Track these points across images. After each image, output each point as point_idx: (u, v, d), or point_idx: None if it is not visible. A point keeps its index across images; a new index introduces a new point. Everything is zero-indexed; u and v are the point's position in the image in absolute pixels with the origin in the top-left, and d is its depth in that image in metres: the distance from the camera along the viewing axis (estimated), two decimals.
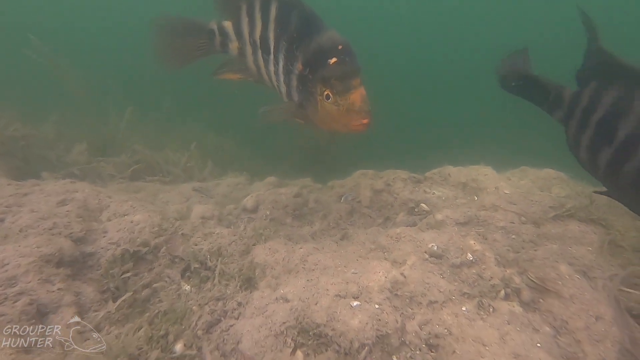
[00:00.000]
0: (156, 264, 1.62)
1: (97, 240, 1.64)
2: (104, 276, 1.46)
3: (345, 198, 2.56)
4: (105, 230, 1.70)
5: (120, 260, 1.55)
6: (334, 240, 2.07)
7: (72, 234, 1.56)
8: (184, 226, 1.93)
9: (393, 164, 3.08)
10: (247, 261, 1.65)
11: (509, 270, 1.21)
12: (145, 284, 1.50)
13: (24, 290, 1.16)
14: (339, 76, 1.39)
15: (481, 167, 2.47)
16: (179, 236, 1.80)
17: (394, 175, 2.58)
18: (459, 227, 1.62)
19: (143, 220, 1.79)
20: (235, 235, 1.86)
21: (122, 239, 1.65)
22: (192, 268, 1.60)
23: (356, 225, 2.28)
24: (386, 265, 1.36)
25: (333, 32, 1.49)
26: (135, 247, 1.60)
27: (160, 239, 1.71)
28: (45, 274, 1.25)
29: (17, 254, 1.25)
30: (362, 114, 1.39)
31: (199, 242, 1.78)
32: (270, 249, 1.70)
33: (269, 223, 2.29)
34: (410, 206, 2.17)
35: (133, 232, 1.71)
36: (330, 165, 6.58)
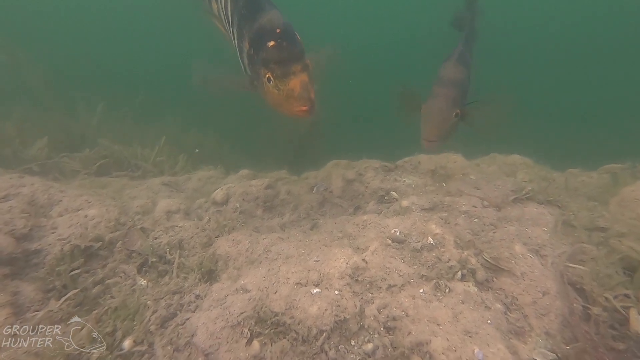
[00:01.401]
0: (110, 260, 1.54)
1: (45, 237, 1.53)
2: (49, 274, 1.37)
3: (317, 188, 2.53)
4: (54, 227, 1.59)
5: (70, 257, 1.45)
6: (303, 230, 2.04)
7: (14, 230, 1.45)
8: (144, 220, 1.84)
9: (371, 154, 3.07)
10: (209, 253, 1.59)
11: (467, 252, 1.21)
12: (96, 280, 1.42)
13: None
14: (277, 60, 1.36)
15: (451, 154, 2.49)
16: (137, 230, 1.71)
17: (366, 164, 2.56)
18: (423, 213, 1.62)
19: (98, 215, 1.69)
20: (198, 228, 1.79)
21: (73, 234, 1.55)
22: (150, 262, 1.53)
23: (327, 215, 2.26)
24: (348, 252, 1.34)
25: (275, 14, 1.45)
26: (86, 243, 1.51)
27: (117, 234, 1.63)
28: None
29: None
30: (302, 101, 1.35)
31: (159, 236, 1.70)
32: (233, 240, 1.64)
33: (238, 215, 2.22)
34: (380, 194, 2.17)
35: (86, 228, 1.62)
36: (313, 159, 6.55)
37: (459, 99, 1.68)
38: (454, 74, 1.77)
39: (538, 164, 2.30)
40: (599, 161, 2.42)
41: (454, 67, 1.79)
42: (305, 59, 1.39)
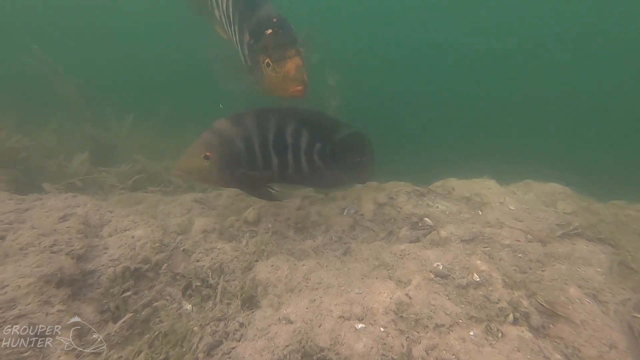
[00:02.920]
0: (157, 282, 1.60)
1: (98, 257, 1.62)
2: (104, 295, 1.44)
3: (348, 211, 2.54)
4: (106, 247, 1.68)
5: (121, 278, 1.52)
6: (337, 255, 2.05)
7: (73, 251, 1.54)
8: (185, 241, 1.91)
9: (395, 172, 3.07)
10: (249, 278, 1.63)
11: (517, 293, 1.18)
12: (145, 303, 1.48)
13: (23, 313, 1.14)
14: (274, 45, 1.57)
15: (484, 180, 2.46)
16: (180, 252, 1.78)
17: (397, 187, 2.56)
18: (463, 245, 1.60)
19: (145, 236, 1.77)
20: (237, 251, 1.84)
21: (123, 255, 1.63)
22: (194, 286, 1.58)
23: (359, 239, 2.26)
24: (390, 286, 1.34)
25: (271, 7, 1.68)
26: (136, 264, 1.58)
27: (162, 255, 1.69)
28: (45, 295, 1.23)
29: (17, 275, 1.23)
30: (297, 82, 1.56)
31: (201, 259, 1.76)
32: (272, 266, 1.67)
33: (271, 237, 2.27)
34: (413, 220, 2.15)
35: (134, 248, 1.69)
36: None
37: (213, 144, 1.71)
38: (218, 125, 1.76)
39: (578, 193, 2.23)
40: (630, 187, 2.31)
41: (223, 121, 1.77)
42: (298, 45, 1.59)
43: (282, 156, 1.83)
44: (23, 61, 5.22)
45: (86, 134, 4.25)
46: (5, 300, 1.15)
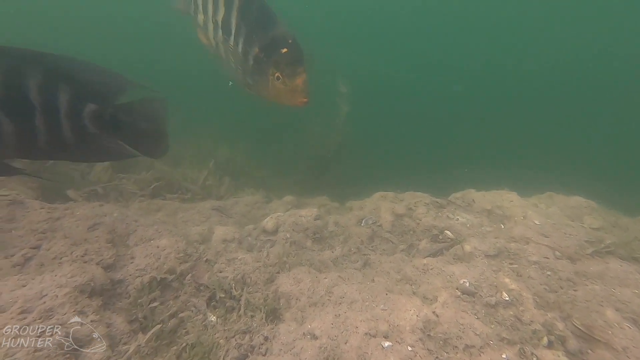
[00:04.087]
0: (182, 292, 1.62)
1: (125, 266, 1.65)
2: (132, 305, 1.47)
3: (366, 222, 2.54)
4: (132, 256, 1.72)
5: (148, 288, 1.55)
6: (357, 267, 2.04)
7: (103, 260, 1.58)
8: (207, 251, 1.94)
9: (411, 182, 3.06)
10: (272, 291, 1.64)
11: (551, 314, 1.16)
12: (172, 313, 1.50)
13: (61, 322, 1.17)
14: (288, 63, 1.84)
15: (505, 192, 2.42)
16: (203, 262, 1.81)
17: (416, 199, 2.55)
18: (488, 260, 1.57)
19: (169, 246, 1.81)
20: (258, 262, 1.85)
21: (149, 265, 1.66)
22: (218, 297, 1.60)
23: (378, 250, 2.25)
24: (417, 302, 1.32)
25: (284, 27, 1.91)
26: (162, 275, 1.61)
27: (186, 266, 1.72)
28: (79, 305, 1.26)
29: (55, 284, 1.27)
30: (304, 94, 1.86)
31: (224, 269, 1.78)
32: (294, 278, 1.68)
33: (290, 247, 2.28)
34: (434, 233, 2.13)
35: (159, 258, 1.73)
36: (339, 176, 6.60)
37: None
38: None
39: (603, 206, 2.17)
40: None
41: None
42: (305, 63, 1.84)
43: (23, 120, 1.28)
44: None
45: None
46: (44, 310, 1.19)
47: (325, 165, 6.70)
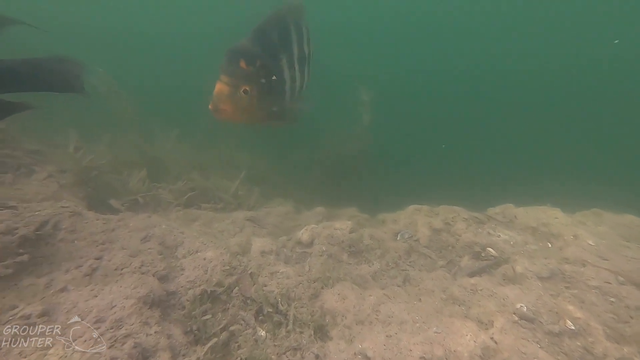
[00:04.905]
0: (230, 305, 1.67)
1: (176, 278, 1.72)
2: (186, 317, 1.52)
3: (402, 236, 2.51)
4: (182, 268, 1.79)
5: (199, 301, 1.61)
6: (397, 283, 2.02)
7: (157, 272, 1.66)
8: (250, 264, 1.98)
9: (443, 195, 3.01)
10: (317, 307, 1.65)
11: (627, 349, 1.10)
12: (223, 326, 1.54)
13: (130, 332, 1.24)
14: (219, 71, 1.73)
15: (548, 208, 2.34)
16: (247, 276, 1.85)
17: (453, 213, 2.50)
18: (542, 283, 1.52)
19: (214, 258, 1.86)
20: (300, 276, 1.88)
21: (199, 277, 1.72)
22: (265, 311, 1.63)
23: (416, 266, 2.22)
24: (472, 327, 1.30)
25: (250, 36, 1.77)
26: (212, 287, 1.66)
27: (233, 279, 1.77)
28: (144, 316, 1.33)
29: (122, 296, 1.35)
30: (211, 102, 1.71)
31: (268, 283, 1.81)
32: (339, 295, 1.69)
33: (327, 260, 2.29)
34: (475, 250, 2.08)
35: (207, 271, 1.79)
36: (358, 185, 6.57)
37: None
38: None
39: None
40: None
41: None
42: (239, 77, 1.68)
43: None
44: (89, 82, 5.74)
45: (138, 149, 4.56)
46: (115, 320, 1.26)
47: (343, 174, 6.71)
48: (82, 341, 1.16)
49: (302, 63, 2.00)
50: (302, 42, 1.98)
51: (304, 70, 2.04)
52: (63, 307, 1.27)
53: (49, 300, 1.28)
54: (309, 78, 2.22)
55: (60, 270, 1.51)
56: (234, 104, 1.72)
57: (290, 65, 1.92)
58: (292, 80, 1.98)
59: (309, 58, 2.08)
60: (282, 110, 2.02)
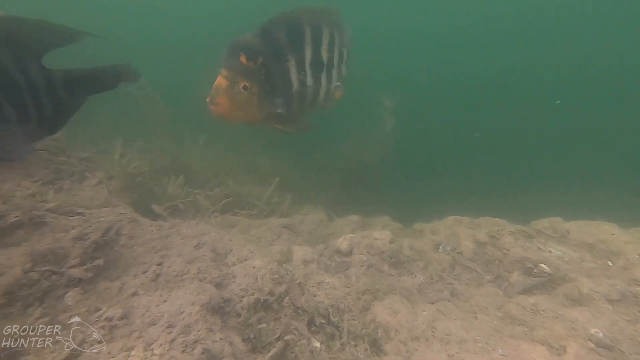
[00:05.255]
0: (282, 314, 1.69)
1: (229, 285, 1.77)
2: (243, 325, 1.56)
3: (444, 248, 2.47)
4: (234, 275, 1.84)
5: (254, 309, 1.65)
6: (444, 297, 1.98)
7: (213, 279, 1.71)
8: (296, 273, 2.01)
9: (476, 205, 2.93)
10: (369, 320, 1.65)
11: None
12: (277, 336, 1.57)
13: (198, 338, 1.29)
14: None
15: (602, 223, 2.23)
16: (296, 285, 1.87)
17: (497, 226, 2.43)
18: (614, 307, 1.45)
19: (263, 267, 1.90)
20: (347, 288, 1.88)
21: (250, 285, 1.76)
22: (318, 322, 1.64)
23: (462, 280, 2.17)
24: (542, 351, 1.25)
25: (253, 33, 1.68)
26: (264, 296, 1.70)
27: (282, 288, 1.80)
28: (208, 322, 1.38)
29: (188, 302, 1.41)
30: (210, 96, 1.61)
31: (316, 293, 1.83)
32: (390, 309, 1.68)
33: (368, 270, 2.28)
34: (527, 266, 2.01)
35: (257, 279, 1.83)
36: (377, 192, 6.51)
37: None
38: None
39: None
40: None
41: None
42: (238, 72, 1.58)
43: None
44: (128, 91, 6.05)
45: (170, 154, 4.73)
46: (184, 325, 1.31)
47: (362, 180, 6.68)
48: (159, 344, 1.22)
49: (316, 69, 1.87)
50: (320, 46, 1.86)
51: (319, 77, 1.90)
52: (137, 310, 1.34)
53: (125, 304, 1.36)
54: (330, 87, 2.00)
55: (128, 275, 1.59)
56: (231, 99, 1.62)
57: (300, 69, 1.81)
58: (302, 85, 1.85)
59: (329, 65, 1.94)
60: (288, 115, 1.90)
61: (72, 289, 1.38)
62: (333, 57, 1.95)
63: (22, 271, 1.26)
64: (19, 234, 1.57)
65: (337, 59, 1.99)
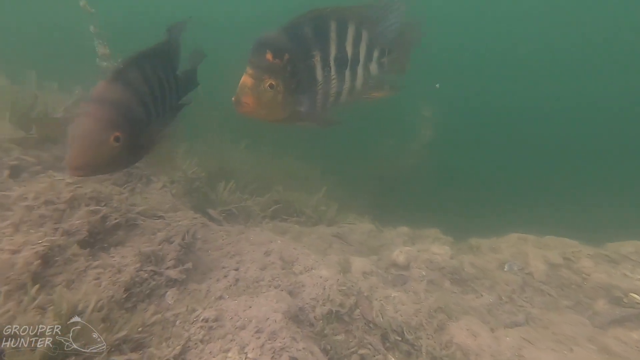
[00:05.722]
0: (353, 327, 1.70)
1: (300, 294, 1.81)
2: (319, 335, 1.58)
3: (510, 267, 2.35)
4: (302, 284, 1.87)
5: (327, 319, 1.67)
6: (518, 321, 1.88)
7: (285, 287, 1.76)
8: (361, 285, 2.01)
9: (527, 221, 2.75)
10: (445, 340, 1.60)
11: None
12: (352, 349, 1.57)
13: (284, 346, 1.33)
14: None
15: None
16: (364, 298, 1.87)
17: (571, 247, 2.28)
18: None
19: (330, 278, 1.92)
20: (417, 304, 1.85)
21: (319, 295, 1.79)
22: (392, 339, 1.63)
23: (535, 303, 2.05)
24: None
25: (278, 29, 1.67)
26: (336, 307, 1.72)
27: (352, 300, 1.80)
28: (291, 331, 1.42)
29: (271, 309, 1.46)
30: (235, 95, 1.60)
31: (385, 308, 1.82)
32: (468, 330, 1.62)
33: (427, 285, 2.23)
34: (615, 294, 1.86)
35: (324, 289, 1.85)
36: (408, 201, 6.32)
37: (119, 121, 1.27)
38: (109, 93, 1.35)
39: None
40: None
41: (108, 85, 1.35)
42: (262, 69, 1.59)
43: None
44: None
45: (215, 159, 4.91)
46: (270, 332, 1.36)
47: (394, 188, 6.55)
48: (251, 349, 1.28)
49: (341, 65, 1.85)
50: (344, 42, 1.83)
51: (344, 73, 1.87)
52: (227, 314, 1.42)
53: (216, 307, 1.44)
54: (355, 85, 1.97)
55: (211, 279, 1.69)
56: (257, 98, 1.61)
57: (324, 65, 1.79)
58: (326, 82, 1.84)
59: (353, 62, 1.90)
60: (311, 112, 1.87)
61: (170, 288, 1.49)
62: (359, 54, 1.92)
63: (135, 270, 1.38)
64: (120, 235, 1.72)
65: (365, 57, 1.95)
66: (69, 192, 1.68)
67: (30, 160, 1.95)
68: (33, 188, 1.59)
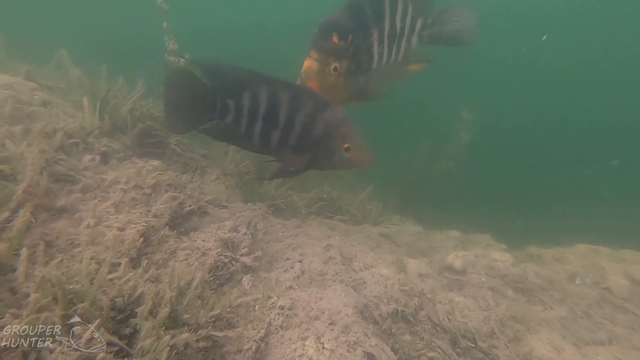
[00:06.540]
0: (419, 329, 1.66)
1: (362, 290, 1.80)
2: (386, 334, 1.57)
3: (582, 279, 2.17)
4: (364, 281, 1.86)
5: (391, 319, 1.64)
6: (600, 340, 1.73)
7: (349, 282, 1.76)
8: (423, 287, 1.96)
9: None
10: (523, 353, 1.51)
11: None
12: (420, 351, 1.54)
13: (357, 340, 1.33)
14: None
15: None
16: (427, 299, 1.82)
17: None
18: None
19: (391, 277, 1.89)
20: (485, 311, 1.77)
21: (382, 294, 1.77)
22: (463, 345, 1.57)
23: (617, 322, 1.87)
24: None
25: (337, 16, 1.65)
26: (401, 307, 1.69)
27: (415, 301, 1.76)
28: (362, 326, 1.42)
29: (341, 303, 1.47)
30: (301, 78, 1.62)
31: (452, 312, 1.75)
32: (550, 344, 1.52)
33: (486, 292, 2.12)
34: None
35: (386, 287, 1.82)
36: (440, 203, 6.06)
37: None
38: None
39: None
40: None
41: None
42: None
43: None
44: None
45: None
46: (343, 325, 1.37)
47: (425, 191, 6.35)
48: (327, 340, 1.29)
49: (391, 39, 1.84)
50: (395, 16, 1.81)
51: (392, 47, 1.86)
52: (299, 303, 1.44)
53: (289, 296, 1.47)
54: (398, 58, 1.95)
55: (278, 269, 1.73)
56: (322, 82, 1.61)
57: (380, 41, 1.78)
58: (380, 58, 1.82)
59: (400, 35, 1.89)
60: (365, 89, 1.88)
61: (244, 274, 1.55)
62: (404, 27, 1.90)
63: (217, 254, 1.45)
64: (194, 221, 1.82)
65: (409, 29, 1.92)
66: (152, 178, 1.80)
67: (115, 147, 2.12)
68: (124, 173, 1.73)
